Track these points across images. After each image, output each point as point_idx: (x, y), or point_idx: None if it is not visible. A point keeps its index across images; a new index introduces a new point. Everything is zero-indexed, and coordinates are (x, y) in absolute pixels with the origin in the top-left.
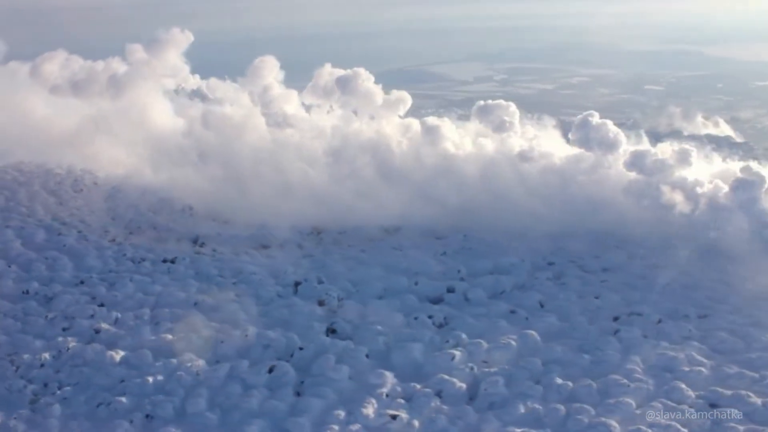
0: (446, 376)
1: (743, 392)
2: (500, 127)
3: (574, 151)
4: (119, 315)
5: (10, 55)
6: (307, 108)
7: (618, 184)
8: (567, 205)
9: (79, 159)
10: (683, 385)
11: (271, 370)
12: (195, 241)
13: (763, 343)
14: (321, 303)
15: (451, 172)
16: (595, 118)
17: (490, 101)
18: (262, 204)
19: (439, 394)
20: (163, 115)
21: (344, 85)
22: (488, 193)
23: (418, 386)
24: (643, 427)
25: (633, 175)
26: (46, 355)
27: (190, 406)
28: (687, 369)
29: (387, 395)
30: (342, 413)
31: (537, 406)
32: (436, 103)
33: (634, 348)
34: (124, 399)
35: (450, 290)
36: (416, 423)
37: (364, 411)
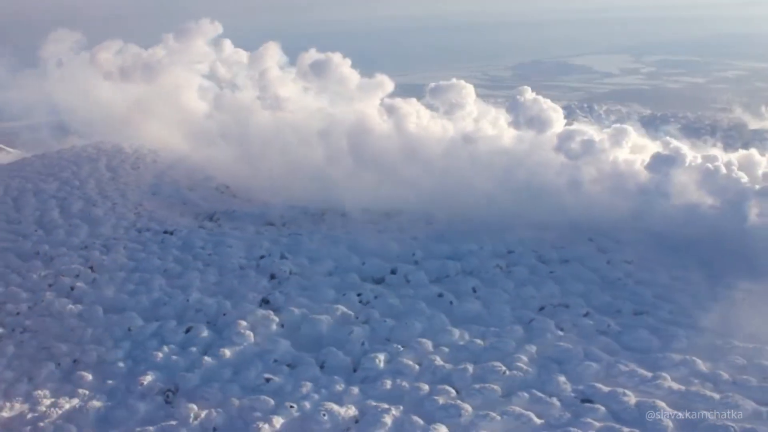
0: (335, 349)
1: (622, 390)
2: (452, 108)
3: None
4: (98, 276)
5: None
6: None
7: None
8: (549, 196)
9: (146, 139)
10: (563, 378)
11: (188, 331)
12: (211, 217)
13: (683, 344)
14: (273, 276)
15: (423, 157)
16: (526, 95)
17: (442, 82)
18: (279, 185)
19: (322, 365)
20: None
21: (319, 70)
22: (461, 179)
23: (308, 356)
24: (494, 413)
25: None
26: (24, 306)
27: (110, 356)
28: (578, 363)
29: (275, 360)
30: (229, 372)
31: (405, 384)
32: (580, 96)
33: (536, 338)
34: (63, 346)
35: (393, 272)
36: (288, 387)
37: (249, 373)
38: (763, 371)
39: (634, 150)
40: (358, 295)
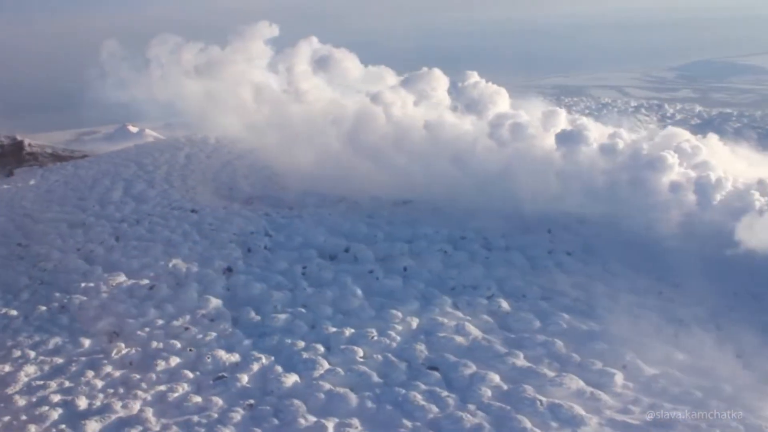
0: (251, 308)
1: (465, 361)
2: (424, 97)
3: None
4: (116, 244)
5: None
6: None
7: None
8: (515, 185)
9: (231, 132)
10: (424, 347)
11: (151, 288)
12: (247, 201)
13: (558, 328)
14: (249, 249)
15: (406, 144)
16: (471, 79)
17: (416, 71)
18: (312, 174)
19: (235, 321)
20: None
21: (324, 64)
22: (440, 166)
23: (229, 313)
24: (341, 369)
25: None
26: (51, 264)
27: (72, 306)
28: (445, 335)
29: (202, 315)
30: (162, 322)
31: (288, 340)
32: (750, 99)
33: (424, 313)
34: (58, 294)
35: (346, 250)
36: (199, 336)
37: (177, 322)
38: (620, 359)
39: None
40: (303, 267)
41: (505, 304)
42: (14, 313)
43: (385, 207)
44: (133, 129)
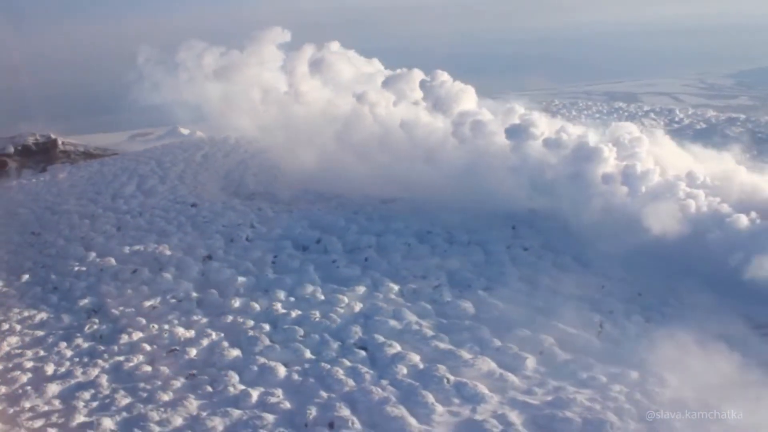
0: (215, 291)
1: (391, 342)
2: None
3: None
4: (117, 233)
5: None
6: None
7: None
8: (487, 183)
9: (252, 132)
10: (359, 329)
11: (134, 272)
12: (249, 197)
13: (491, 315)
14: (231, 240)
15: (389, 143)
16: (439, 78)
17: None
18: (312, 172)
19: (199, 303)
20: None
21: (317, 66)
22: (418, 164)
23: (196, 295)
24: (279, 346)
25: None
26: (54, 250)
27: (74, 285)
28: (381, 319)
29: (173, 297)
30: (135, 301)
31: (240, 320)
32: None
33: (368, 299)
34: (54, 277)
35: (317, 241)
36: (165, 315)
37: (147, 303)
38: (538, 346)
39: None
40: (274, 256)
41: (447, 294)
42: (13, 292)
43: (372, 204)
44: (184, 131)
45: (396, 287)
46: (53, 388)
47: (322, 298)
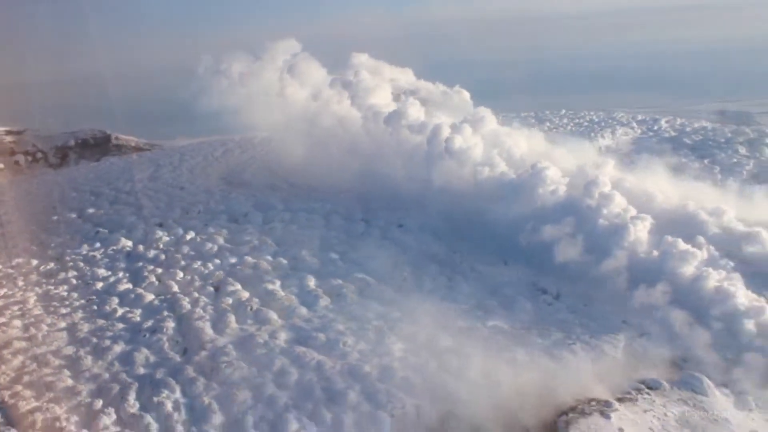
0: (142, 247)
1: (231, 282)
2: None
3: None
4: (108, 206)
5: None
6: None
7: None
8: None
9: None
10: (217, 272)
11: (96, 233)
12: (237, 185)
13: (326, 270)
14: (186, 211)
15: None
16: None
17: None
18: (293, 166)
19: (115, 251)
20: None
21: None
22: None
23: (119, 247)
24: (172, 281)
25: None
26: (55, 220)
27: (48, 246)
28: (239, 267)
29: (112, 249)
30: (84, 252)
31: (150, 267)
32: None
33: (233, 253)
34: (44, 236)
35: (244, 215)
36: (91, 254)
37: (91, 254)
38: (338, 290)
39: None
40: (205, 225)
41: (307, 254)
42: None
43: (321, 191)
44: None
45: (273, 248)
46: None
47: (213, 252)
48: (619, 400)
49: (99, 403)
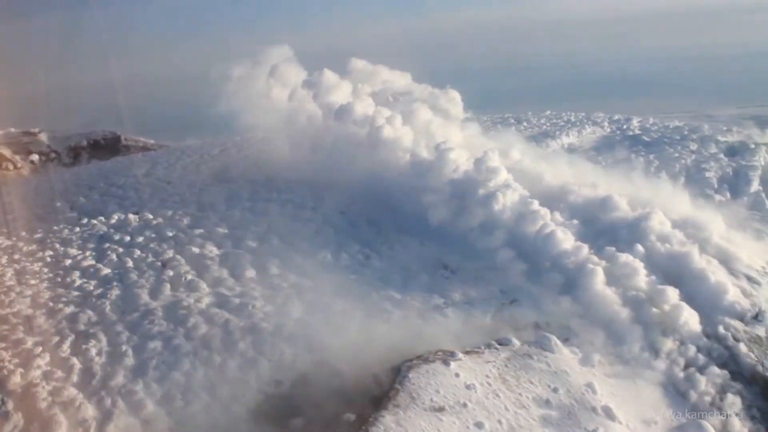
0: (115, 232)
1: (178, 260)
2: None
3: None
4: (97, 198)
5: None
6: None
7: None
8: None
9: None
10: (168, 252)
11: (79, 219)
12: (223, 180)
13: (264, 248)
14: (163, 201)
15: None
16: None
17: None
18: (276, 161)
19: (89, 234)
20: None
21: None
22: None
23: (94, 230)
24: (118, 258)
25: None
26: (54, 209)
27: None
28: (189, 247)
29: (86, 231)
30: (65, 232)
31: (91, 245)
32: None
33: (194, 238)
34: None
35: (211, 204)
36: (71, 231)
37: (73, 230)
38: (264, 263)
39: None
40: (173, 212)
41: (252, 239)
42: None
43: (289, 183)
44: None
45: (224, 232)
46: None
47: (173, 235)
48: (466, 353)
49: (38, 350)
